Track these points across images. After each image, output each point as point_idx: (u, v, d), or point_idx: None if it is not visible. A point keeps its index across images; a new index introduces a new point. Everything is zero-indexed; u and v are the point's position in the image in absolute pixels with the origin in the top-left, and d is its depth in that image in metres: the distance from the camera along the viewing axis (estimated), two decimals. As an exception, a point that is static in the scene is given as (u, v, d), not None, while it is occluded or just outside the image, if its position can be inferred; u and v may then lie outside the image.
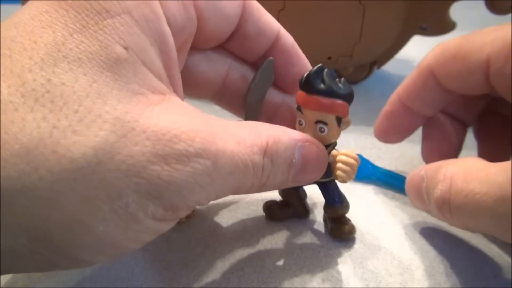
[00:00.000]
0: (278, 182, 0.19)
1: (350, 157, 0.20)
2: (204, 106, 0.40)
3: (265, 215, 0.25)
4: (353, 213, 0.23)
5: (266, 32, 0.22)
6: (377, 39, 0.39)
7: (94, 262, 0.16)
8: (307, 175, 0.20)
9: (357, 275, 0.21)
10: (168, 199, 0.15)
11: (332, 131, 0.20)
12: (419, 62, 0.25)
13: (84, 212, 0.14)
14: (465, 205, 0.18)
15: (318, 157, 0.20)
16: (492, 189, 0.17)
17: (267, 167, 0.18)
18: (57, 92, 0.13)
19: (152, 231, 0.16)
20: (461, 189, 0.19)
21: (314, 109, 0.20)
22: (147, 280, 0.20)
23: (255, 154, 0.17)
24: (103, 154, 0.13)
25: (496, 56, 0.21)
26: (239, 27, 0.21)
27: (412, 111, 0.26)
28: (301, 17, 0.36)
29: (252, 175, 0.18)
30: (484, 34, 0.22)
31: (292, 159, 0.19)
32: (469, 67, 0.22)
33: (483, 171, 0.18)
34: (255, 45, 0.22)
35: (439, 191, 0.20)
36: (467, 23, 0.43)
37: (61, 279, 0.20)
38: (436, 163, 0.22)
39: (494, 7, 0.36)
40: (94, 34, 0.14)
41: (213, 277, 0.21)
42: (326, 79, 0.19)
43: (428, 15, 0.39)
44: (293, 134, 0.19)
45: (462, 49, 0.23)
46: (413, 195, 0.23)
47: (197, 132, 0.16)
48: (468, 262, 0.22)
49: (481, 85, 0.23)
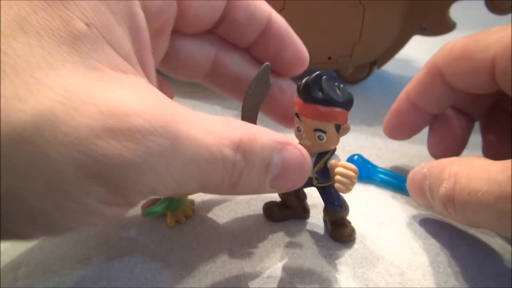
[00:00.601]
0: (254, 185, 0.18)
1: (348, 168, 0.20)
2: (204, 107, 0.40)
3: (264, 216, 0.25)
4: (353, 213, 0.23)
5: (257, 18, 0.22)
6: (377, 39, 0.39)
7: (32, 237, 0.15)
8: (287, 182, 0.19)
9: (357, 275, 0.21)
10: (114, 180, 0.13)
11: (331, 139, 0.20)
12: (427, 61, 0.26)
13: (15, 183, 0.13)
14: (468, 202, 0.19)
15: (299, 163, 0.18)
16: (492, 187, 0.18)
17: (239, 163, 0.16)
18: (11, 64, 0.13)
19: (99, 214, 0.14)
20: (464, 187, 0.19)
21: (312, 118, 0.20)
22: (147, 280, 0.20)
23: (225, 147, 0.16)
24: (45, 124, 0.13)
25: (501, 56, 0.21)
26: (228, 12, 0.21)
27: (420, 109, 0.27)
28: (301, 17, 0.36)
29: (221, 168, 0.16)
30: (490, 34, 0.22)
31: (270, 161, 0.17)
32: (475, 67, 0.23)
33: (485, 169, 0.19)
34: (246, 30, 0.22)
35: (444, 188, 0.20)
36: (467, 23, 0.43)
37: (61, 279, 0.20)
38: (439, 161, 0.22)
39: (494, 7, 0.36)
40: (57, 11, 0.14)
41: (213, 277, 0.21)
42: (324, 87, 0.19)
43: (428, 15, 0.39)
44: (273, 135, 0.18)
45: (468, 48, 0.23)
46: (415, 192, 0.24)
47: (159, 110, 0.14)
48: (468, 262, 0.22)
49: (487, 84, 0.23)
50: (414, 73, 0.28)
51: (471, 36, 0.24)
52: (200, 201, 0.26)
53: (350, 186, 0.20)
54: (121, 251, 0.22)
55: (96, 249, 0.22)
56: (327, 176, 0.21)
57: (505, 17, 0.38)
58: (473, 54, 0.23)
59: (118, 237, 0.23)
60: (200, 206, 0.26)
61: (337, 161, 0.21)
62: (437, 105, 0.26)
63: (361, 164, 0.28)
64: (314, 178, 0.22)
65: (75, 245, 0.23)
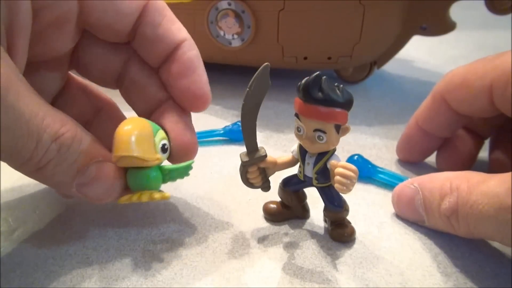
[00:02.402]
0: (59, 179, 0.19)
1: (348, 169, 0.20)
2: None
3: (264, 216, 0.25)
4: (353, 213, 0.23)
5: (164, 39, 0.22)
6: (377, 39, 0.39)
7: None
8: (92, 193, 0.20)
9: (357, 275, 0.21)
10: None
11: (331, 139, 0.20)
12: (433, 89, 0.27)
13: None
14: (470, 214, 0.20)
15: (112, 182, 0.20)
16: (492, 199, 0.19)
17: (51, 152, 0.18)
18: None
19: None
20: (467, 201, 0.20)
21: (312, 118, 0.20)
22: (147, 280, 0.20)
23: (45, 133, 0.18)
24: None
25: (497, 82, 0.23)
26: (137, 26, 0.22)
27: (429, 133, 0.28)
28: (301, 17, 0.36)
29: (32, 148, 0.17)
30: (487, 61, 0.24)
31: (84, 167, 0.19)
32: (475, 93, 0.24)
33: (483, 183, 0.20)
34: (153, 48, 0.23)
35: (447, 203, 0.21)
36: (467, 23, 0.43)
37: (61, 279, 0.20)
38: (430, 176, 0.24)
39: (494, 7, 0.36)
40: None
41: (213, 277, 0.21)
42: (324, 87, 0.19)
43: (428, 15, 0.39)
44: (101, 148, 0.20)
45: (468, 77, 0.25)
46: (404, 206, 0.25)
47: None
48: (468, 262, 0.22)
49: (487, 108, 0.24)
50: (414, 73, 0.28)
51: (470, 64, 0.25)
52: (200, 201, 0.26)
53: (350, 187, 0.20)
54: (121, 251, 0.22)
55: (96, 249, 0.22)
56: (327, 176, 0.21)
57: (505, 17, 0.38)
58: (472, 82, 0.24)
59: (118, 237, 0.23)
60: (200, 206, 0.26)
61: (337, 161, 0.21)
62: (446, 130, 0.28)
63: (361, 164, 0.28)
64: (314, 178, 0.22)
65: (75, 245, 0.23)
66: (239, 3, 0.36)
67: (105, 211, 0.25)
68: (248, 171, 0.22)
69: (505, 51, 0.24)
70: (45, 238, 0.23)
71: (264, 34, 0.37)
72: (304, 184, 0.23)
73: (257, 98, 0.20)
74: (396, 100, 0.42)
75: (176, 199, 0.26)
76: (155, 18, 0.22)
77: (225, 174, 0.29)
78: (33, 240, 0.23)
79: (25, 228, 0.24)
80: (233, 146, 0.33)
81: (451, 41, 0.53)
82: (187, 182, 0.28)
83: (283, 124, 0.36)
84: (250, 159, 0.21)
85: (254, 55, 0.39)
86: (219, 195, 0.27)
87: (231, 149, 0.33)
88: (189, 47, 0.23)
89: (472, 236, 0.21)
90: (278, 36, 0.37)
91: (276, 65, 0.39)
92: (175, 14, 0.24)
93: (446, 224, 0.22)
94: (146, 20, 0.22)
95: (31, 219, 0.25)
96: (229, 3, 0.36)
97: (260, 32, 0.37)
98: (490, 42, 0.62)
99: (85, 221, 0.24)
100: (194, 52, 0.23)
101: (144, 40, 0.22)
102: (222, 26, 0.37)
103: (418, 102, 0.29)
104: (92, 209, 0.25)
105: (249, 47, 0.38)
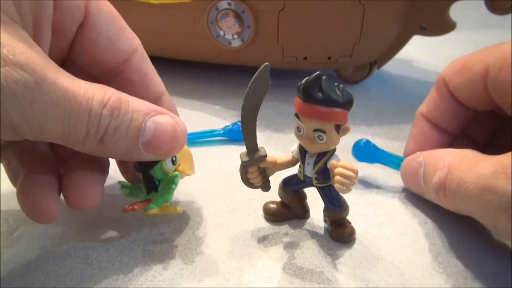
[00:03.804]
0: (124, 144, 0.19)
1: (348, 169, 0.20)
2: (204, 107, 0.40)
3: (264, 216, 0.25)
4: (353, 213, 0.23)
5: (149, 88, 0.23)
6: (377, 39, 0.39)
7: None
8: (160, 147, 0.20)
9: (357, 275, 0.21)
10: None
11: (331, 139, 0.20)
12: (436, 76, 0.28)
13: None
14: (457, 191, 0.21)
15: (173, 130, 0.20)
16: (478, 179, 0.20)
17: (105, 118, 0.18)
18: None
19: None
20: (455, 177, 0.21)
21: (312, 118, 0.20)
22: (147, 280, 0.20)
23: (94, 101, 0.17)
24: None
25: (493, 66, 0.23)
26: (123, 69, 0.22)
27: (435, 126, 0.28)
28: (301, 17, 0.36)
29: (86, 119, 0.17)
30: (488, 48, 0.24)
31: (142, 124, 0.19)
32: (471, 77, 0.24)
33: (474, 162, 0.21)
34: (135, 93, 0.22)
35: (437, 177, 0.23)
36: (467, 23, 0.43)
37: (61, 279, 0.20)
38: (435, 151, 0.25)
39: (494, 7, 0.36)
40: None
41: (213, 277, 0.21)
42: (324, 87, 0.19)
43: (428, 15, 0.39)
44: (149, 104, 0.20)
45: (468, 62, 0.25)
46: (410, 178, 0.26)
47: (30, 54, 0.16)
48: (468, 262, 0.22)
49: (482, 95, 0.24)
50: (414, 73, 0.28)
51: (473, 52, 0.25)
52: (200, 201, 0.26)
53: (350, 187, 0.20)
54: (121, 251, 0.22)
55: (96, 249, 0.22)
56: (327, 176, 0.21)
57: (505, 17, 0.38)
58: (471, 66, 0.25)
59: (118, 237, 0.23)
60: (200, 206, 0.26)
61: (337, 161, 0.21)
62: (450, 121, 0.27)
63: (369, 149, 0.29)
64: (314, 178, 0.22)
65: (75, 245, 0.23)
66: (239, 3, 0.36)
67: (105, 211, 0.25)
68: (248, 171, 0.22)
69: (507, 40, 0.24)
70: (45, 238, 0.23)
71: (264, 34, 0.37)
72: (304, 184, 0.23)
73: (257, 98, 0.20)
74: (396, 100, 0.42)
75: (176, 199, 0.26)
76: (142, 64, 0.23)
77: (225, 174, 0.29)
78: (33, 240, 0.23)
79: (25, 228, 0.24)
80: (233, 146, 0.33)
81: (451, 41, 0.53)
82: (187, 182, 0.28)
83: (283, 124, 0.36)
84: (250, 159, 0.21)
85: (254, 55, 0.39)
86: (219, 195, 0.27)
87: (231, 149, 0.33)
88: (168, 98, 0.24)
89: (459, 212, 0.22)
90: (278, 36, 0.37)
91: (276, 65, 0.39)
92: (175, 14, 0.24)
93: (436, 198, 0.23)
94: (133, 64, 0.22)
95: (31, 219, 0.25)
96: (229, 3, 0.36)
97: (260, 32, 0.37)
98: (490, 42, 0.61)
99: (85, 221, 0.24)
100: (174, 104, 0.24)
101: (126, 83, 0.22)
102: (222, 26, 0.37)
103: (418, 102, 0.29)
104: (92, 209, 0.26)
105: (249, 47, 0.38)
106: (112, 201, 0.26)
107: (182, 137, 0.21)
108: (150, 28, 0.40)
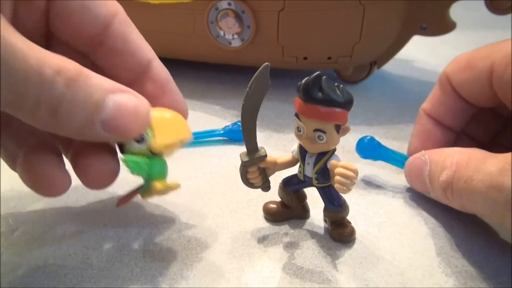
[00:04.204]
0: (79, 121, 0.17)
1: (348, 169, 0.20)
2: (204, 107, 0.40)
3: (264, 216, 0.25)
4: (353, 213, 0.23)
5: (136, 55, 0.21)
6: (377, 39, 0.39)
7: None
8: (120, 126, 0.18)
9: (357, 275, 0.21)
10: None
11: (331, 139, 0.20)
12: (440, 74, 0.27)
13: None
14: (464, 189, 0.21)
15: (134, 109, 0.19)
16: (485, 177, 0.20)
17: (59, 88, 0.16)
18: None
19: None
20: (463, 175, 0.21)
21: (312, 118, 0.20)
22: (147, 280, 0.20)
23: (47, 68, 0.16)
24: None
25: (498, 64, 0.23)
26: (104, 36, 0.21)
27: (439, 123, 0.28)
28: (301, 17, 0.36)
29: (36, 84, 0.16)
30: (492, 45, 0.24)
31: (100, 101, 0.17)
32: (476, 74, 0.24)
33: (482, 161, 0.21)
34: (121, 63, 0.21)
35: (445, 175, 0.23)
36: (467, 23, 0.43)
37: (61, 279, 0.20)
38: (440, 149, 0.25)
39: (494, 7, 0.36)
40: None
41: (213, 277, 0.21)
42: (324, 87, 0.19)
43: (428, 15, 0.39)
44: (113, 82, 0.18)
45: (472, 58, 0.25)
46: (414, 176, 0.26)
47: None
48: (468, 262, 0.22)
49: (486, 92, 0.24)
50: (414, 73, 0.28)
51: (477, 48, 0.25)
52: (200, 201, 0.26)
53: (350, 187, 0.20)
54: (121, 251, 0.22)
55: (96, 249, 0.22)
56: (327, 176, 0.21)
57: (505, 17, 0.38)
58: (475, 63, 0.24)
59: (118, 237, 0.23)
60: (200, 206, 0.26)
61: (337, 161, 0.21)
62: (453, 118, 0.27)
63: (372, 146, 0.29)
64: (314, 178, 0.22)
65: (75, 245, 0.23)
66: (239, 3, 0.36)
67: (105, 211, 0.25)
68: (248, 171, 0.22)
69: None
70: (45, 238, 0.23)
71: (264, 34, 0.37)
72: (304, 184, 0.23)
73: (257, 98, 0.20)
74: (396, 100, 0.42)
75: (176, 199, 0.26)
76: (125, 30, 0.21)
77: (225, 174, 0.29)
78: (33, 240, 0.23)
79: (25, 228, 0.24)
80: (233, 146, 0.33)
81: (451, 41, 0.53)
82: (187, 182, 0.28)
83: (283, 124, 0.36)
84: (250, 159, 0.21)
85: (254, 55, 0.39)
86: (219, 195, 0.27)
87: (231, 149, 0.33)
88: (160, 65, 0.23)
89: (465, 210, 0.22)
90: (278, 36, 0.37)
91: (276, 65, 0.39)
92: (175, 14, 0.23)
93: (443, 196, 0.23)
94: (115, 31, 0.21)
95: (31, 219, 0.25)
96: (229, 3, 0.36)
97: (260, 32, 0.37)
98: (490, 42, 0.62)
99: (85, 221, 0.24)
100: (166, 70, 0.23)
101: (111, 52, 0.21)
102: (222, 26, 0.37)
103: (418, 102, 0.29)
104: (92, 209, 0.26)
105: (249, 47, 0.38)
106: (112, 201, 0.26)
107: (143, 118, 0.19)
108: (150, 28, 0.40)
